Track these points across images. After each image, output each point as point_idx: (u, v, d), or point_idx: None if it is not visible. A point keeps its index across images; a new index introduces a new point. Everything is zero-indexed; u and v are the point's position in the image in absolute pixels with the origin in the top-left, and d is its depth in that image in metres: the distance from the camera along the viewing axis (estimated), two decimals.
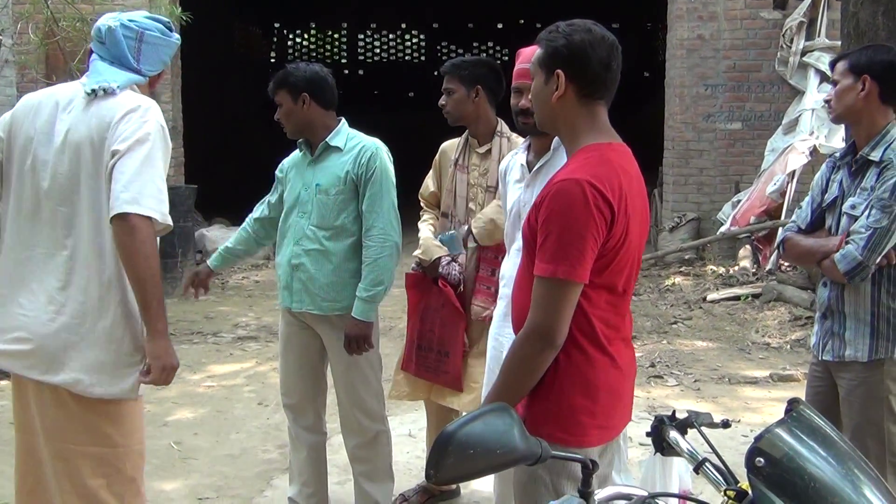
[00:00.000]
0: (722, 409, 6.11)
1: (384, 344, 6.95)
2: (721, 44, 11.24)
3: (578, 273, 2.38)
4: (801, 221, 3.77)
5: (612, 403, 2.55)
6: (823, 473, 1.67)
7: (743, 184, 11.13)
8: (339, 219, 4.02)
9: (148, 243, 2.87)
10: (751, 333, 8.20)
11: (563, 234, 2.38)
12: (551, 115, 2.58)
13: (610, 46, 2.53)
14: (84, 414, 2.97)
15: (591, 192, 2.36)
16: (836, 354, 3.57)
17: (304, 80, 4.07)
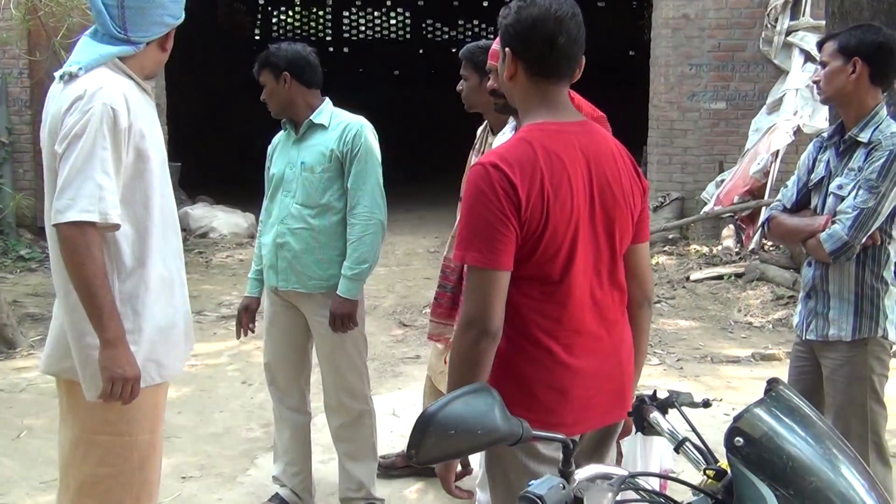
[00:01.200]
0: (704, 387, 6.14)
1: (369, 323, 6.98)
2: (706, 23, 11.23)
3: (491, 260, 2.25)
4: (786, 200, 3.76)
5: (556, 399, 2.38)
6: (802, 453, 1.68)
7: (727, 163, 11.15)
8: (325, 197, 4.02)
9: (80, 252, 2.70)
10: (733, 313, 8.25)
11: (471, 220, 2.29)
12: (509, 94, 2.52)
13: (557, 21, 2.34)
14: (90, 402, 2.91)
15: (494, 174, 2.26)
16: (819, 334, 3.59)
17: (285, 60, 4.06)
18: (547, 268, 2.34)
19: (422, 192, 14.16)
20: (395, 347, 7.21)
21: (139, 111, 2.86)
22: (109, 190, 2.71)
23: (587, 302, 2.42)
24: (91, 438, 2.97)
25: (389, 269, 10.20)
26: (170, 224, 2.98)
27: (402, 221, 12.68)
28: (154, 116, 3.00)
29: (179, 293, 3.04)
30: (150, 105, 3.00)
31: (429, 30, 30.07)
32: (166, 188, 2.97)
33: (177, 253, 3.03)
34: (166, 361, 2.96)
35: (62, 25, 8.61)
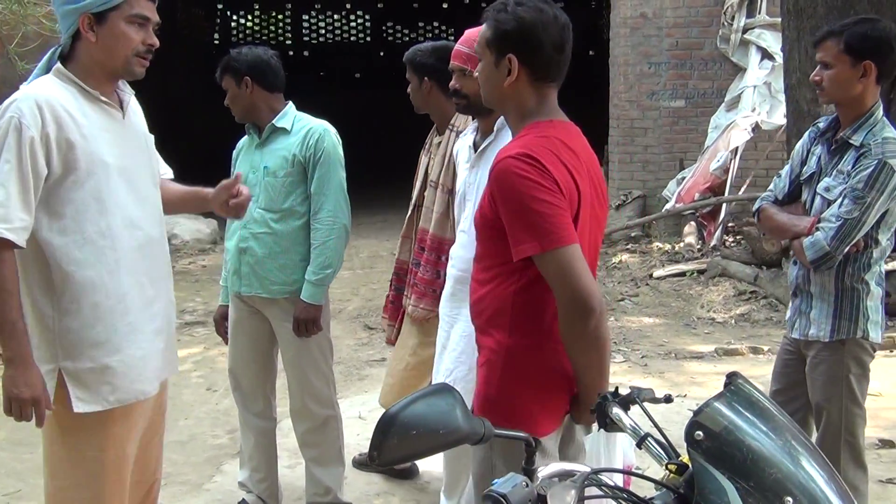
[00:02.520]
0: (669, 384, 6.19)
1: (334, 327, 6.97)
2: (664, 21, 11.32)
3: (566, 236, 2.29)
4: (778, 191, 3.75)
5: (561, 385, 2.47)
6: (762, 445, 1.70)
7: (687, 161, 11.25)
8: (287, 201, 4.00)
9: None
10: (696, 309, 8.31)
11: (529, 209, 2.29)
12: (501, 97, 2.51)
13: (563, 27, 2.45)
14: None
15: (530, 162, 2.30)
16: (802, 332, 3.61)
17: (246, 65, 4.04)
18: None
19: (385, 194, 14.12)
20: (361, 350, 7.20)
21: (70, 120, 2.73)
22: (2, 202, 2.60)
23: None
24: (47, 452, 2.94)
25: (353, 273, 10.18)
26: (120, 237, 2.83)
27: (365, 224, 12.65)
28: (105, 124, 2.84)
29: (142, 311, 2.91)
30: (102, 112, 2.85)
31: (389, 32, 30.11)
32: (115, 199, 2.83)
33: (135, 268, 2.88)
34: (123, 383, 2.85)
35: (17, 33, 8.52)
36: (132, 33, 2.79)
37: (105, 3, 2.74)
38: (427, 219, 4.09)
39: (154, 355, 2.96)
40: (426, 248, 4.04)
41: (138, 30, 2.81)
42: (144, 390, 2.93)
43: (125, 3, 2.76)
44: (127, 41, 2.80)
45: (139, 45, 2.82)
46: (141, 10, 2.80)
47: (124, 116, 2.94)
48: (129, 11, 2.78)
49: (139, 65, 2.87)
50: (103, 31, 2.77)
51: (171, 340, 3.08)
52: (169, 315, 3.04)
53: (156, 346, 2.97)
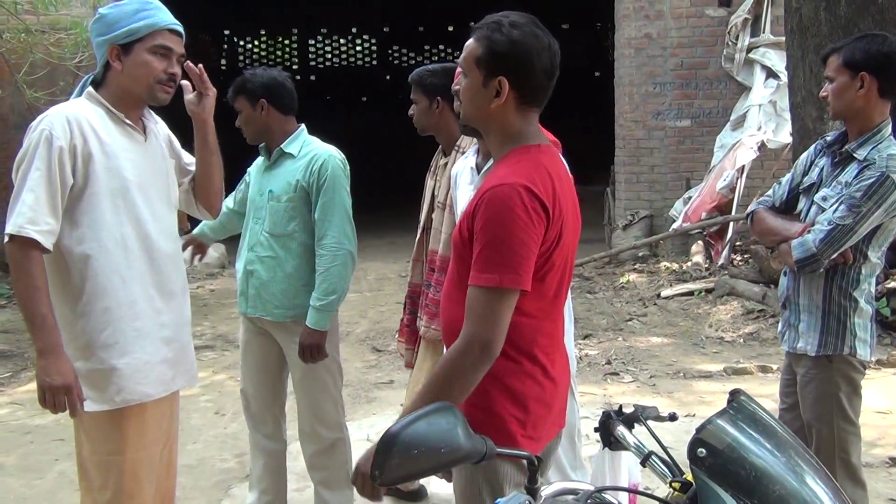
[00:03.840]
0: (677, 403, 6.17)
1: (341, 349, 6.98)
2: (668, 42, 11.36)
3: (523, 280, 2.28)
4: (776, 198, 3.74)
5: (543, 414, 2.44)
6: (765, 462, 1.70)
7: (693, 180, 11.25)
8: (290, 226, 4.01)
9: (14, 266, 2.90)
10: (704, 328, 8.29)
11: (502, 242, 2.27)
12: (485, 117, 2.46)
13: (554, 55, 2.42)
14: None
15: (527, 196, 2.27)
16: (791, 345, 3.60)
17: (261, 86, 4.06)
18: (548, 283, 2.40)
19: (392, 217, 14.16)
20: (369, 373, 7.19)
21: (94, 136, 3.00)
22: (30, 206, 2.89)
23: (562, 318, 2.55)
24: (76, 456, 3.17)
25: (361, 295, 10.18)
26: (134, 248, 3.07)
27: (373, 247, 12.66)
28: (128, 144, 3.11)
29: (150, 318, 3.12)
30: (125, 134, 3.11)
31: (395, 56, 30.21)
32: (131, 213, 3.07)
33: (145, 279, 3.11)
34: (128, 385, 3.06)
35: (25, 62, 8.59)
36: (154, 62, 3.07)
37: (130, 35, 3.04)
38: (436, 240, 4.09)
39: (161, 362, 3.16)
40: (436, 268, 4.05)
41: (161, 60, 3.08)
42: (148, 392, 3.12)
43: (149, 35, 3.06)
44: (149, 70, 3.07)
45: (161, 74, 3.10)
46: (164, 41, 3.09)
47: (146, 140, 3.19)
48: (152, 42, 3.07)
49: (162, 91, 3.13)
50: (129, 60, 3.06)
51: (184, 352, 3.28)
52: (180, 327, 3.25)
53: (162, 353, 3.16)
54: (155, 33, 3.06)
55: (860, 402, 3.58)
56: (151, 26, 3.06)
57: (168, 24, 3.10)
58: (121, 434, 3.08)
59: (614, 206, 12.06)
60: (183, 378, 3.30)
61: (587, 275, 10.55)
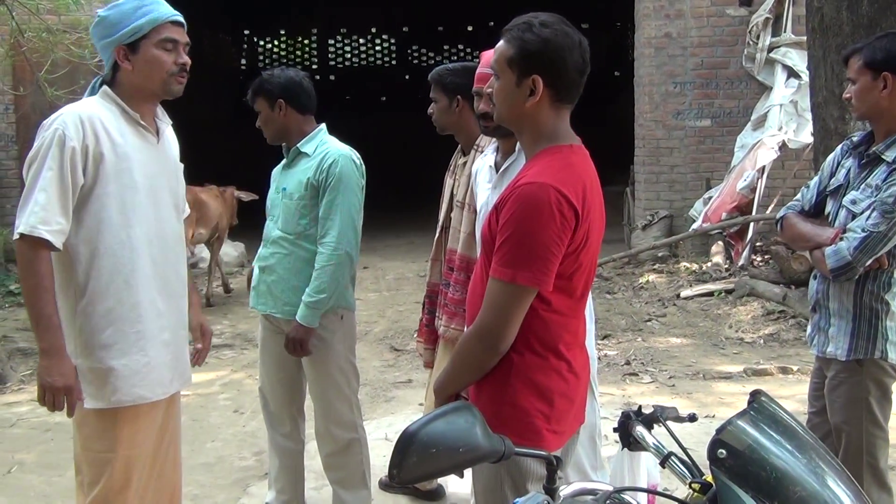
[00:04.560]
0: (697, 404, 6.14)
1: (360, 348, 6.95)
2: (688, 41, 11.31)
3: (542, 281, 2.34)
4: (805, 202, 3.71)
5: (566, 408, 2.50)
6: (785, 464, 1.68)
7: (714, 180, 11.19)
8: (300, 224, 4.03)
9: (23, 265, 2.91)
10: (724, 329, 8.25)
11: (527, 239, 2.32)
12: (518, 117, 2.50)
13: (584, 51, 2.47)
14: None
15: (556, 197, 2.31)
16: (821, 350, 3.57)
17: (279, 87, 4.08)
18: (576, 283, 2.44)
19: (411, 217, 14.15)
20: (387, 372, 7.19)
21: (107, 137, 3.00)
22: (42, 205, 2.89)
23: (584, 316, 2.60)
24: (76, 454, 3.18)
25: (380, 295, 10.19)
26: (139, 250, 3.06)
27: (392, 247, 12.67)
28: (140, 145, 3.10)
29: (152, 321, 3.11)
30: (138, 134, 3.10)
31: (414, 55, 30.22)
32: (138, 215, 3.06)
33: (149, 282, 3.10)
34: (124, 386, 3.05)
35: (46, 60, 8.62)
36: (164, 57, 3.06)
37: (135, 33, 3.03)
38: (455, 239, 4.08)
39: (160, 365, 3.15)
40: (455, 268, 4.04)
41: (169, 53, 3.07)
42: (144, 395, 3.11)
43: (153, 31, 3.04)
44: (160, 65, 3.07)
45: (172, 67, 3.09)
46: (169, 34, 3.07)
47: (158, 142, 3.19)
48: (158, 37, 3.05)
49: (176, 83, 3.13)
50: (137, 58, 3.06)
51: (180, 355, 3.26)
52: (179, 331, 3.25)
53: (162, 356, 3.15)
54: (160, 27, 3.05)
55: (890, 407, 3.55)
56: (155, 21, 3.04)
57: (170, 16, 3.09)
58: (114, 433, 3.08)
59: (634, 207, 12.02)
60: (179, 381, 3.28)
61: (606, 275, 10.52)
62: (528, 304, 2.37)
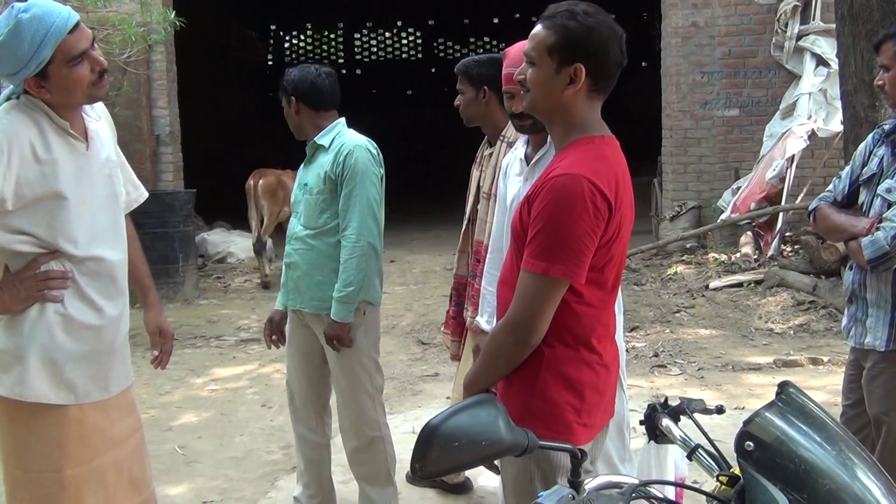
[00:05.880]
0: (726, 396, 6.09)
1: (386, 342, 6.96)
2: (716, 30, 11.22)
3: (575, 273, 2.31)
4: (837, 192, 3.65)
5: (597, 401, 2.49)
6: (814, 456, 1.65)
7: (742, 170, 11.11)
8: (321, 218, 4.03)
9: None
10: (754, 320, 8.19)
11: (560, 232, 2.30)
12: (555, 105, 2.45)
13: (623, 43, 2.44)
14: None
15: (590, 189, 2.28)
16: (858, 341, 3.51)
17: (291, 85, 4.10)
18: (607, 274, 2.43)
19: (438, 210, 14.14)
20: (414, 366, 7.19)
21: (30, 155, 2.78)
22: None
23: (615, 308, 2.59)
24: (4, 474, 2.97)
25: (407, 288, 10.20)
26: (68, 262, 2.89)
27: (419, 240, 12.67)
28: (67, 155, 2.87)
29: (82, 331, 2.93)
30: (66, 144, 2.87)
31: (440, 48, 30.20)
32: (69, 229, 2.87)
33: (85, 290, 2.93)
34: (35, 382, 2.86)
35: None
36: (78, 72, 2.79)
37: (39, 64, 2.74)
38: (482, 230, 4.07)
39: (84, 372, 2.95)
40: (482, 259, 4.02)
41: (83, 65, 2.80)
42: (51, 397, 2.89)
43: (57, 51, 2.74)
44: (77, 82, 2.81)
45: (90, 77, 2.82)
46: (74, 49, 2.78)
47: (88, 148, 2.94)
48: (66, 57, 2.76)
49: (99, 89, 2.87)
50: (52, 83, 2.79)
51: (115, 362, 3.05)
52: (115, 339, 3.04)
53: (89, 364, 2.96)
54: (62, 46, 2.74)
55: None
56: (56, 42, 2.73)
57: (67, 28, 2.75)
58: (57, 445, 2.88)
59: (661, 197, 11.95)
60: (108, 390, 3.03)
61: (634, 266, 10.46)
62: (560, 297, 2.35)
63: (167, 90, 11.11)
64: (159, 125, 11.11)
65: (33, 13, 2.72)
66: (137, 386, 6.37)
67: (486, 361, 2.49)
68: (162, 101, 11.07)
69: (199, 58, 16.07)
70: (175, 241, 9.79)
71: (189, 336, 8.27)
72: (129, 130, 10.79)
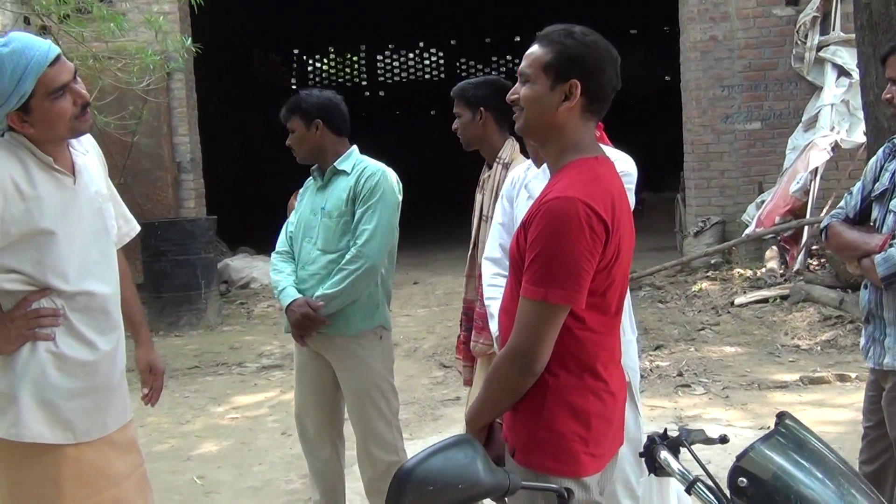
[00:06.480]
0: (751, 416, 5.99)
1: (408, 365, 6.93)
2: (735, 44, 11.14)
3: (574, 298, 2.27)
4: (849, 209, 3.57)
5: (604, 430, 2.42)
6: (812, 491, 1.60)
7: (766, 184, 11.01)
8: (343, 241, 4.02)
9: None
10: (780, 336, 8.07)
11: (557, 256, 2.26)
12: (548, 124, 2.43)
13: (617, 64, 2.44)
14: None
15: (585, 211, 2.25)
16: (876, 361, 3.42)
17: (317, 107, 4.09)
18: (609, 298, 2.38)
19: (462, 231, 14.06)
20: (436, 389, 7.13)
21: (14, 192, 2.75)
22: None
23: (619, 332, 2.53)
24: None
25: (429, 310, 10.15)
26: (63, 297, 2.86)
27: (442, 261, 12.62)
28: (54, 190, 2.83)
29: (76, 367, 2.89)
30: (52, 180, 2.83)
31: (463, 68, 30.22)
32: (59, 265, 2.84)
33: (77, 327, 2.89)
34: (30, 422, 2.81)
35: (94, 88, 8.76)
36: (61, 105, 2.77)
37: (21, 97, 2.72)
38: None
39: (79, 409, 2.90)
40: (479, 280, 4.00)
41: (65, 98, 2.78)
42: (47, 436, 2.85)
43: (38, 85, 2.72)
44: (60, 116, 2.78)
45: (72, 110, 2.79)
46: (56, 82, 2.76)
47: (75, 182, 2.91)
48: (48, 90, 2.74)
49: (82, 123, 2.84)
50: (34, 117, 2.76)
51: (112, 398, 3.01)
52: (110, 374, 2.99)
53: (83, 401, 2.91)
54: (43, 79, 2.71)
55: None
56: (36, 75, 2.70)
57: (47, 61, 2.73)
58: (54, 485, 2.83)
59: (685, 213, 11.85)
60: (106, 426, 2.98)
61: (658, 284, 10.37)
62: (560, 323, 2.30)
63: (187, 117, 11.17)
64: (180, 152, 11.17)
65: (13, 47, 2.71)
66: (158, 416, 6.43)
67: (489, 393, 2.43)
68: (182, 129, 11.13)
69: (222, 83, 16.18)
70: (197, 268, 9.83)
71: (211, 363, 8.27)
72: (150, 158, 10.87)
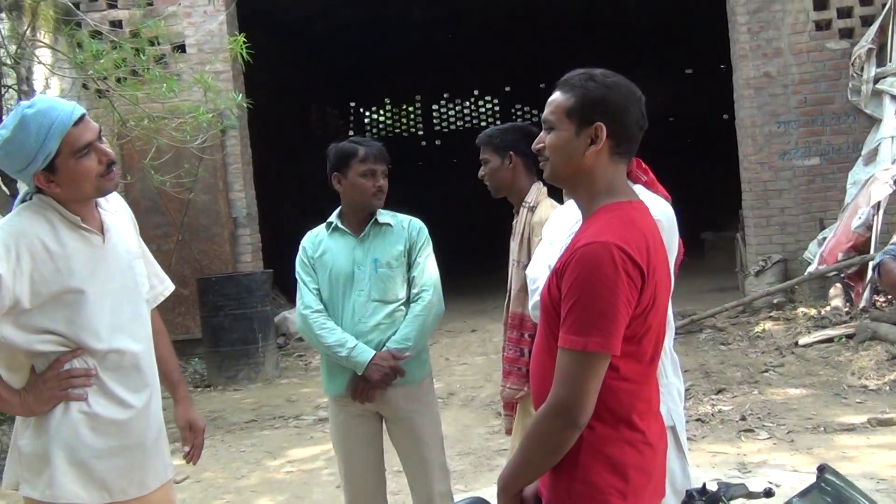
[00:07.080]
0: (817, 460, 5.77)
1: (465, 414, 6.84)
2: (789, 79, 11.00)
3: (612, 345, 2.20)
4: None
5: (643, 483, 2.32)
6: None
7: (827, 220, 10.78)
8: (402, 289, 4.06)
9: None
10: (846, 376, 7.82)
11: (593, 303, 2.20)
12: (577, 170, 2.39)
13: (643, 107, 2.41)
14: None
15: (620, 256, 2.20)
16: None
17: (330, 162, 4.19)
18: (645, 346, 2.32)
19: None
20: (492, 439, 7.02)
21: (43, 253, 2.80)
22: None
23: (657, 381, 2.46)
24: None
25: (487, 358, 10.06)
26: (95, 357, 2.89)
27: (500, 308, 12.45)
28: (83, 249, 2.89)
29: (108, 426, 2.91)
30: (80, 239, 2.90)
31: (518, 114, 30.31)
32: (90, 324, 2.87)
33: (109, 385, 2.92)
34: (65, 482, 2.84)
35: (150, 148, 8.92)
36: (86, 164, 2.82)
37: (47, 157, 2.78)
38: (517, 301, 4.04)
39: (113, 468, 2.91)
40: (507, 326, 4.03)
41: (90, 157, 2.83)
42: (82, 496, 2.87)
43: (63, 144, 2.78)
44: (86, 175, 2.84)
45: (98, 169, 2.85)
46: (80, 141, 2.81)
47: (104, 241, 2.97)
48: (73, 149, 2.80)
49: (107, 181, 2.91)
50: (60, 177, 2.82)
51: (146, 457, 3.01)
52: (144, 432, 3.00)
53: (118, 460, 2.93)
54: (68, 139, 2.78)
55: None
56: (61, 135, 2.76)
57: (72, 120, 2.79)
58: None
59: (745, 252, 11.65)
60: (144, 485, 2.99)
61: (720, 325, 10.17)
62: (603, 372, 2.23)
63: (243, 173, 11.32)
64: (236, 207, 11.30)
65: (38, 108, 2.80)
66: (215, 471, 6.42)
67: (527, 454, 2.33)
68: (238, 184, 11.27)
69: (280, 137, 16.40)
70: (254, 322, 9.89)
71: (268, 417, 8.26)
72: (207, 215, 11.02)
